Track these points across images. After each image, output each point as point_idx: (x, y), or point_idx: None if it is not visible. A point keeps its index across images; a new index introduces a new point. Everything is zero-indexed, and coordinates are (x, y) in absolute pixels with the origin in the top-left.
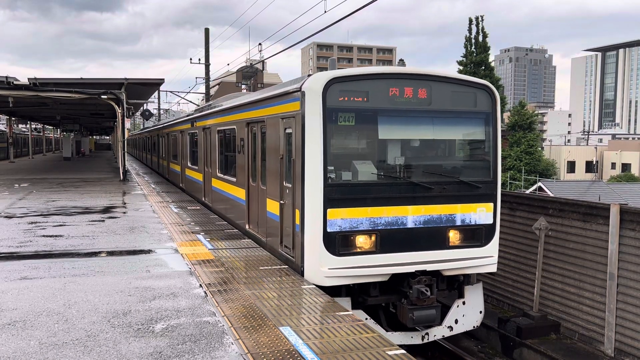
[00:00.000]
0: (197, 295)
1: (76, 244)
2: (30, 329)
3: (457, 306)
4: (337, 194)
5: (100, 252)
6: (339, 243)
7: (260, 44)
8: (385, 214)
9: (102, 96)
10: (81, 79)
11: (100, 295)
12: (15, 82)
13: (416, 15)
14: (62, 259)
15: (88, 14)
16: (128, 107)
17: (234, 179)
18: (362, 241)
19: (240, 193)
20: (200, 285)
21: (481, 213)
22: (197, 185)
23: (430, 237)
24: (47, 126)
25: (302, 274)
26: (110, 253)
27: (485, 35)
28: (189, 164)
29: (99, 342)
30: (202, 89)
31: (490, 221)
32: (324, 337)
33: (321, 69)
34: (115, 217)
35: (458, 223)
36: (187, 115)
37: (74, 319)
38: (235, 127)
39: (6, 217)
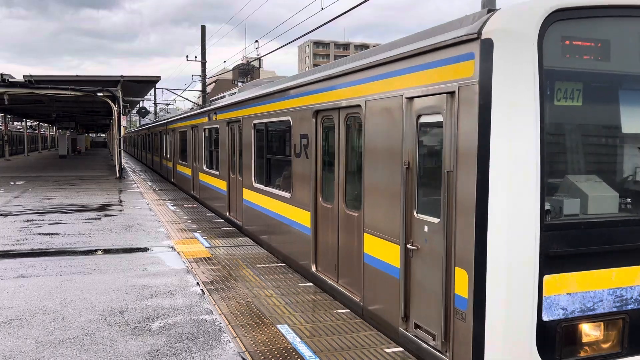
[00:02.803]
0: (195, 294)
1: (72, 242)
2: (27, 327)
3: None
4: (562, 245)
5: (96, 250)
6: (562, 341)
7: (256, 41)
8: (637, 281)
9: (98, 94)
10: (77, 76)
11: (97, 293)
12: (10, 80)
13: (414, 14)
14: (59, 257)
15: (85, 12)
16: (124, 105)
17: (286, 195)
18: (599, 335)
19: (300, 217)
20: (198, 283)
21: None
22: (218, 195)
23: None
24: (43, 124)
25: None
26: (107, 251)
27: None
28: (205, 168)
29: (95, 340)
30: (199, 86)
31: None
32: (322, 335)
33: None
34: (111, 215)
35: None
36: (202, 107)
37: (70, 317)
38: (289, 118)
39: (2, 215)
